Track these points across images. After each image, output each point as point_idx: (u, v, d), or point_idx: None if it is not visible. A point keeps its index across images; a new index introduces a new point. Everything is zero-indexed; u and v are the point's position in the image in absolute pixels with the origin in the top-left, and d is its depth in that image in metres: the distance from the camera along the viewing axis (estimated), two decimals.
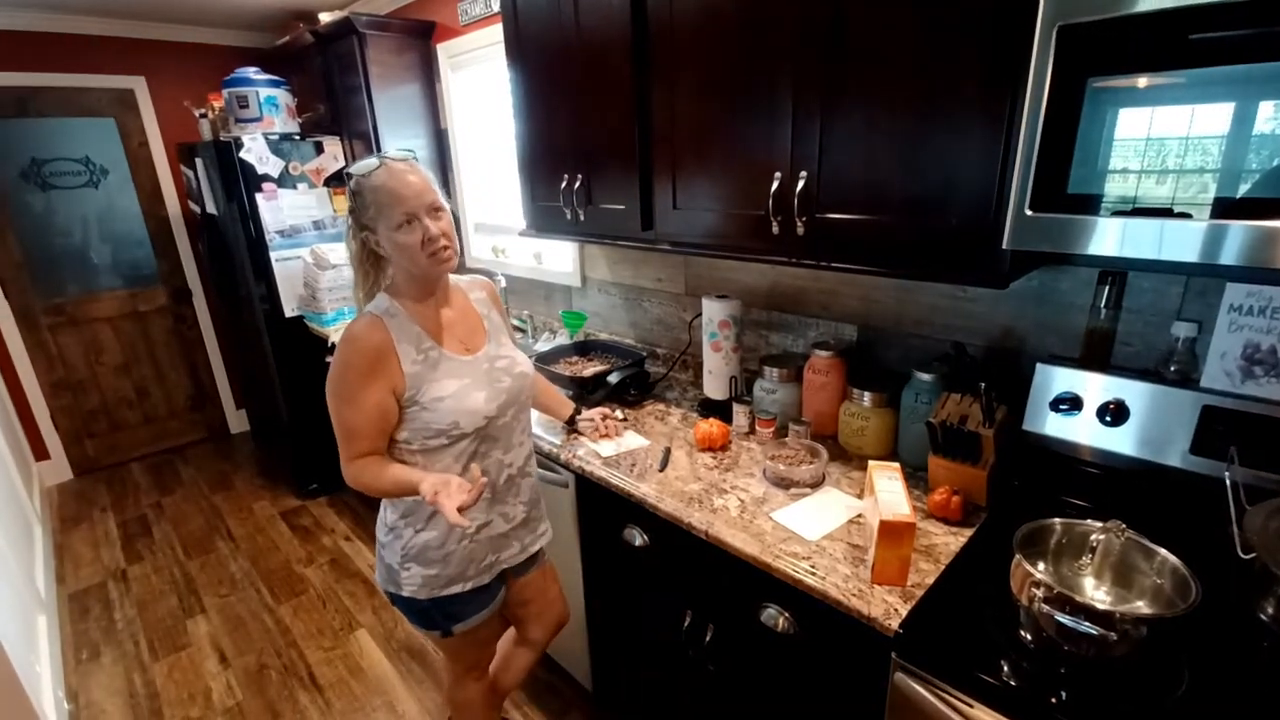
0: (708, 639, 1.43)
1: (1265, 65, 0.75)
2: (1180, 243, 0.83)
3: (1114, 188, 0.89)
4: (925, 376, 1.44)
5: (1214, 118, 0.80)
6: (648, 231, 1.68)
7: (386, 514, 1.36)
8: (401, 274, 1.26)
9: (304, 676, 2.26)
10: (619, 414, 1.81)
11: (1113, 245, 0.89)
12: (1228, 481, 0.95)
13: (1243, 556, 0.82)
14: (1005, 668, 0.93)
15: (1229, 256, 0.81)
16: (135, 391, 3.93)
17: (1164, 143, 0.84)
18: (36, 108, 3.37)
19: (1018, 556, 0.95)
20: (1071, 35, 0.86)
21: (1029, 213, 0.95)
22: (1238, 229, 0.79)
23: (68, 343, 3.66)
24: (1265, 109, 0.77)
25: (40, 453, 3.68)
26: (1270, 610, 0.78)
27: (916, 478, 1.43)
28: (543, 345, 2.49)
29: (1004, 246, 0.99)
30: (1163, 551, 0.93)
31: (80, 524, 3.34)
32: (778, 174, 1.32)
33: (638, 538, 1.53)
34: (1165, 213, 0.85)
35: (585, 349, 2.26)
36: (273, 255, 2.98)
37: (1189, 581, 0.88)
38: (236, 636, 2.47)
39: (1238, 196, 0.80)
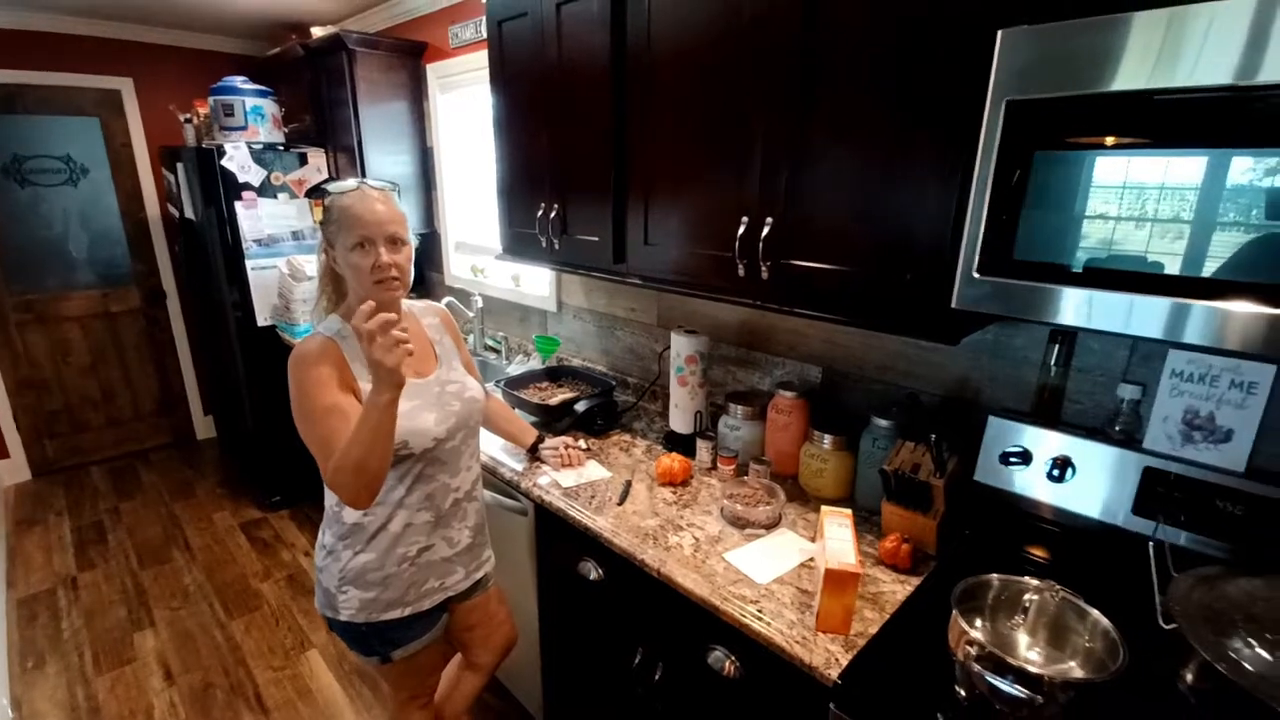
0: (657, 677, 1.42)
1: (1203, 150, 0.79)
2: (1109, 315, 0.86)
3: (1059, 257, 0.92)
4: (883, 422, 1.46)
5: (1166, 195, 0.83)
6: (619, 264, 1.69)
7: (324, 536, 1.35)
8: (354, 296, 1.28)
9: (250, 697, 2.21)
10: (582, 444, 1.81)
11: (1053, 313, 0.92)
12: (1150, 547, 0.96)
13: (1164, 626, 0.83)
14: None
15: (1152, 330, 0.84)
16: (101, 393, 3.85)
17: (1107, 215, 0.87)
18: (22, 105, 3.34)
19: (954, 612, 0.96)
20: (1019, 110, 0.90)
21: (977, 275, 0.98)
22: (1155, 304, 0.82)
23: (35, 340, 3.60)
24: (1182, 172, 0.80)
25: None
26: (1190, 680, 0.79)
27: (872, 522, 1.44)
28: (515, 368, 2.49)
29: (953, 306, 1.02)
30: (1095, 613, 0.94)
31: (34, 527, 3.25)
32: (745, 218, 1.34)
33: (593, 571, 1.52)
34: (1112, 284, 0.87)
35: (556, 375, 2.26)
36: (248, 264, 2.96)
37: (1118, 645, 0.89)
38: (184, 652, 2.41)
39: (1129, 270, 0.83)
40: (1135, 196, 0.85)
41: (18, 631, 2.51)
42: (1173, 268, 0.82)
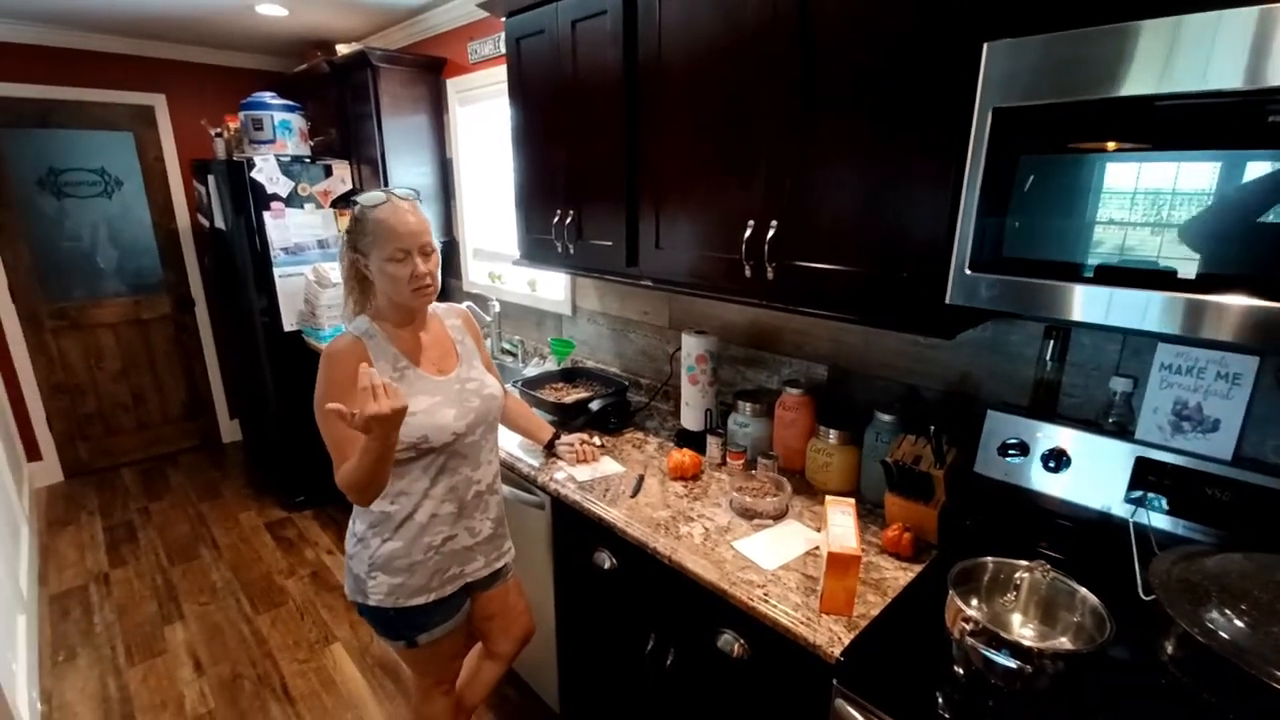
0: (669, 662, 1.48)
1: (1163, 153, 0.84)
2: (1092, 308, 0.91)
3: (1048, 253, 0.97)
4: (886, 417, 1.51)
5: (1149, 198, 0.88)
6: (632, 268, 1.77)
7: (355, 525, 1.42)
8: (383, 299, 1.37)
9: (277, 688, 2.29)
10: (597, 440, 1.88)
11: (1043, 307, 0.97)
12: (1131, 526, 1.01)
13: (1144, 598, 0.88)
14: (938, 698, 0.99)
15: (1137, 323, 0.89)
16: (132, 397, 3.99)
17: (1093, 215, 0.92)
18: (58, 119, 3.50)
19: (951, 592, 1.01)
20: (1005, 117, 0.96)
21: (968, 272, 1.04)
22: (1138, 297, 0.88)
23: (69, 346, 3.74)
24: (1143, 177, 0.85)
25: (33, 454, 3.73)
26: (1169, 650, 0.84)
27: (876, 514, 1.50)
28: (531, 370, 2.57)
29: (947, 301, 1.08)
30: (1083, 590, 0.99)
31: (67, 526, 3.37)
32: (751, 221, 1.41)
33: (607, 561, 1.58)
34: (1098, 279, 0.92)
35: (571, 376, 2.34)
36: (276, 271, 3.07)
37: (1105, 620, 0.94)
38: (213, 645, 2.50)
39: (1112, 265, 0.88)
40: (1122, 198, 0.89)
41: (50, 627, 2.61)
42: (1159, 264, 0.87)
